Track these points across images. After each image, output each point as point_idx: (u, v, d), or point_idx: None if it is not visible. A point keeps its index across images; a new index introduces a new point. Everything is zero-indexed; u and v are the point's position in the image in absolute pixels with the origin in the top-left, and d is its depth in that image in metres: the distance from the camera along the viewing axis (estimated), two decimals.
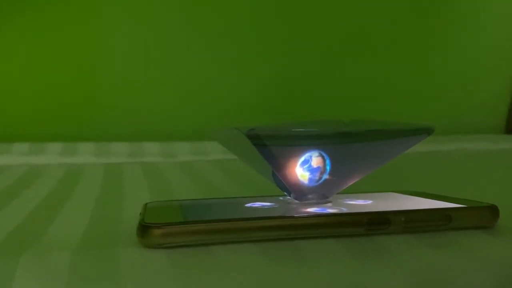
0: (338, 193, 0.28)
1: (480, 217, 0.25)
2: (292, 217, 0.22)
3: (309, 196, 0.26)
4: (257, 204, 0.26)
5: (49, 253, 0.21)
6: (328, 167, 0.26)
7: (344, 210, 0.24)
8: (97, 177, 0.47)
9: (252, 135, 0.23)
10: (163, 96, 0.76)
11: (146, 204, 0.28)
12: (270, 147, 0.23)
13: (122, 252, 0.21)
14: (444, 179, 0.45)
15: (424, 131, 0.25)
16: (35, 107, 0.71)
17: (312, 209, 0.25)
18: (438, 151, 0.67)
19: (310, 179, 0.26)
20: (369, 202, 0.27)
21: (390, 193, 0.31)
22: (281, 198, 0.28)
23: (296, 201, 0.26)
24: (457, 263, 0.22)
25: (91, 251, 0.21)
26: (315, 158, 0.25)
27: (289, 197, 0.27)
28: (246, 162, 0.27)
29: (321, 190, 0.26)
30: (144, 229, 0.21)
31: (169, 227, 0.21)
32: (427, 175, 0.49)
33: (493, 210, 0.25)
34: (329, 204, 0.26)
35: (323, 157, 0.25)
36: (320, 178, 0.26)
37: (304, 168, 0.26)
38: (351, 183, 0.27)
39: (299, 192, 0.26)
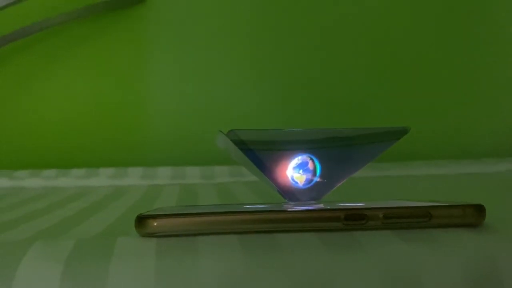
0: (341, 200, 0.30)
1: (463, 215, 0.25)
2: (272, 211, 0.24)
3: (302, 198, 0.27)
4: (255, 206, 0.28)
5: (57, 241, 0.24)
6: (318, 170, 0.27)
7: (327, 206, 0.26)
8: (137, 195, 0.51)
9: (237, 141, 0.25)
10: (205, 123, 0.80)
11: (156, 208, 0.31)
12: (255, 151, 0.26)
13: (120, 240, 0.24)
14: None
15: (400, 133, 0.26)
16: (92, 136, 0.79)
17: (298, 207, 0.26)
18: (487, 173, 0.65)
19: (305, 181, 0.27)
20: (361, 204, 0.28)
21: (395, 201, 0.31)
22: (283, 204, 0.30)
23: (290, 203, 0.28)
24: (432, 257, 0.22)
25: (93, 239, 0.24)
26: (310, 161, 0.27)
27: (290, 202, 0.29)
28: (244, 166, 0.30)
29: (312, 193, 0.28)
30: (139, 219, 0.24)
31: (160, 218, 0.24)
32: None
33: (478, 209, 0.25)
34: (321, 205, 0.27)
35: (313, 160, 0.27)
36: (311, 180, 0.27)
37: (302, 171, 0.28)
38: (339, 184, 0.28)
39: (290, 194, 0.28)
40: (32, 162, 0.73)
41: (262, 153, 0.26)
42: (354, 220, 0.24)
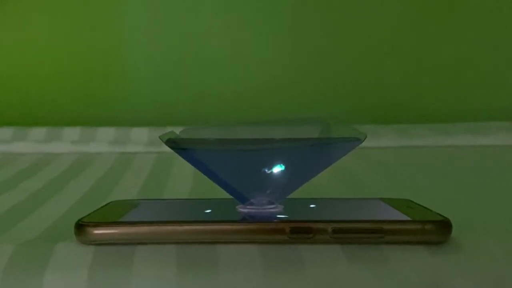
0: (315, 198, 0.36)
1: (423, 232, 0.30)
2: (214, 222, 0.30)
3: (253, 201, 0.34)
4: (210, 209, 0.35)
5: None
6: (267, 173, 0.33)
7: (275, 216, 0.32)
8: (102, 169, 0.58)
9: (169, 141, 0.31)
10: (189, 76, 0.86)
11: (109, 202, 0.37)
12: (190, 152, 0.32)
13: (57, 247, 0.30)
14: None
15: (354, 140, 0.32)
16: (53, 90, 0.85)
17: (252, 214, 0.32)
18: None
19: (253, 185, 0.33)
20: (325, 208, 0.34)
21: (370, 200, 0.37)
22: (236, 207, 0.35)
23: (249, 207, 0.34)
24: (377, 280, 0.28)
25: (32, 246, 0.31)
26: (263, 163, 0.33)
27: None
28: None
29: (266, 196, 0.34)
30: (78, 227, 0.31)
31: (99, 226, 0.30)
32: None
33: (441, 225, 0.30)
34: (279, 210, 0.33)
35: (261, 162, 0.33)
36: (264, 184, 0.33)
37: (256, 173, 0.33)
38: (295, 189, 0.34)
39: (241, 197, 0.34)
40: None
41: (193, 153, 0.32)
42: (300, 233, 0.30)
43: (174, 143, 0.32)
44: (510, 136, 0.73)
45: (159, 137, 0.33)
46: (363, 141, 0.32)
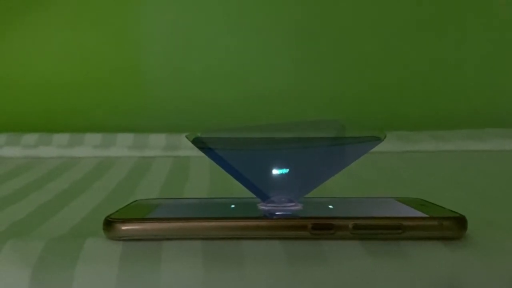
0: (329, 197, 0.35)
1: (440, 228, 0.29)
2: (238, 218, 0.29)
3: (274, 199, 0.32)
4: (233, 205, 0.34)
5: (28, 240, 0.30)
6: (288, 171, 0.32)
7: (295, 213, 0.31)
8: (122, 171, 0.57)
9: (196, 140, 0.30)
10: (210, 84, 0.86)
11: (134, 201, 0.36)
12: (216, 151, 0.31)
13: (87, 242, 0.29)
14: None
15: (374, 139, 0.31)
16: (75, 97, 0.85)
17: (273, 211, 0.31)
18: None
19: (274, 183, 0.32)
20: (343, 206, 0.33)
21: (383, 199, 0.36)
22: (257, 204, 0.34)
23: (270, 205, 0.33)
24: (396, 274, 0.27)
25: (62, 241, 0.30)
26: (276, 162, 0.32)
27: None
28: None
29: (286, 194, 0.33)
30: (107, 223, 0.30)
31: (127, 223, 0.29)
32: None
33: (457, 221, 0.29)
34: (299, 208, 0.32)
35: (282, 161, 0.32)
36: (284, 182, 0.32)
37: (272, 172, 0.32)
38: (315, 187, 0.33)
39: (262, 195, 0.33)
40: (11, 126, 0.80)
41: (220, 152, 0.31)
42: (322, 229, 0.29)
43: (201, 143, 0.31)
44: (505, 141, 0.72)
45: (186, 136, 0.32)
46: (383, 140, 0.31)
